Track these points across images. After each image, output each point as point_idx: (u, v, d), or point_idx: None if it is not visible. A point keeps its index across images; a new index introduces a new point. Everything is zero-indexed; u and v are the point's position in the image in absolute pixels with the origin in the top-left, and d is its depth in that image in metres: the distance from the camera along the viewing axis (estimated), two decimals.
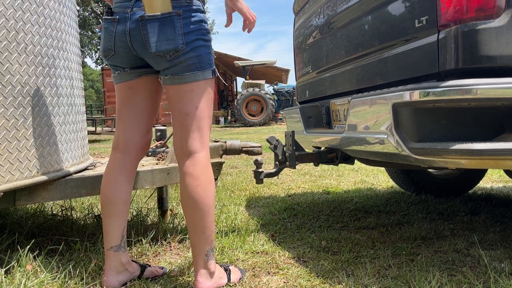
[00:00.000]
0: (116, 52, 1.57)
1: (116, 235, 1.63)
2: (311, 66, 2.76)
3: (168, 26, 1.48)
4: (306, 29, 2.79)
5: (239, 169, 5.28)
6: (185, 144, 1.58)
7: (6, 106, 1.59)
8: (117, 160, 1.66)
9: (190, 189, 1.55)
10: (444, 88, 1.48)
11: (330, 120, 2.49)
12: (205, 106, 1.58)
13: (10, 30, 1.60)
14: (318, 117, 2.63)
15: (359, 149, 2.01)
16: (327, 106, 2.50)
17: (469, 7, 1.49)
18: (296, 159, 2.39)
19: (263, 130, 13.77)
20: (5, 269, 1.65)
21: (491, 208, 2.87)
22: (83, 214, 2.67)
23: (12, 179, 1.62)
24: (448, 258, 1.92)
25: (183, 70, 1.53)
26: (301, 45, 2.92)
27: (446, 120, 1.58)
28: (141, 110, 1.67)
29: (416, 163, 1.67)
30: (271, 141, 2.38)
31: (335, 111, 2.41)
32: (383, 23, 1.92)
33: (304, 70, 2.90)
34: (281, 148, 2.39)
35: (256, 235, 2.31)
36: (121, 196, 1.64)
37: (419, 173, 3.26)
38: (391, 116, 1.64)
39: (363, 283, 1.66)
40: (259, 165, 2.35)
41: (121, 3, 1.55)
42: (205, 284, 1.57)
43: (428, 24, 1.61)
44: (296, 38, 3.03)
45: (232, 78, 28.85)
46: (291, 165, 2.39)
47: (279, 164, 2.40)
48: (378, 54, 1.95)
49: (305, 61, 2.88)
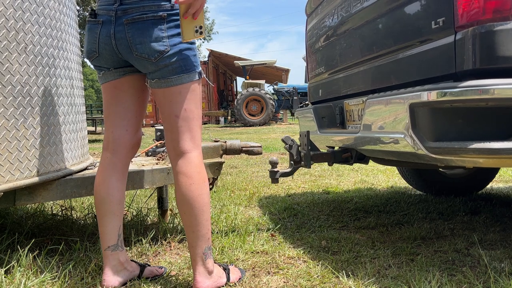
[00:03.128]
0: (100, 54, 1.59)
1: (112, 235, 1.63)
2: (324, 67, 2.78)
3: (153, 28, 1.49)
4: (319, 30, 2.81)
5: (239, 169, 5.28)
6: (177, 145, 1.59)
7: (6, 106, 1.59)
8: (107, 160, 1.67)
9: (183, 188, 1.57)
10: (462, 89, 1.51)
11: (344, 120, 2.51)
12: (193, 107, 1.60)
13: (10, 30, 1.60)
14: (331, 117, 2.65)
15: (374, 149, 2.04)
16: (340, 106, 2.53)
17: (486, 8, 1.52)
18: (311, 158, 2.41)
19: (263, 130, 13.77)
20: (5, 269, 1.65)
21: (491, 208, 2.87)
22: (83, 214, 2.67)
23: (12, 179, 1.62)
24: (448, 258, 1.93)
25: (169, 74, 1.54)
26: (314, 46, 2.95)
27: (463, 119, 1.60)
28: (128, 109, 1.68)
29: (433, 162, 1.70)
30: (286, 141, 2.40)
31: (349, 111, 2.44)
32: (399, 25, 1.93)
33: (317, 71, 2.92)
34: (296, 148, 2.41)
35: (256, 235, 2.31)
36: (114, 195, 1.64)
37: (431, 173, 3.29)
38: (408, 116, 1.67)
39: (363, 283, 1.66)
40: (274, 164, 2.37)
41: (105, 5, 1.56)
42: (204, 283, 1.57)
43: (444, 26, 1.64)
44: (309, 39, 3.06)
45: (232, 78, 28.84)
46: (306, 164, 2.40)
47: (294, 163, 2.42)
48: (393, 55, 1.97)
49: (318, 61, 2.90)
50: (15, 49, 1.62)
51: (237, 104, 16.50)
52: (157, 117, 19.52)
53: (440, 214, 2.73)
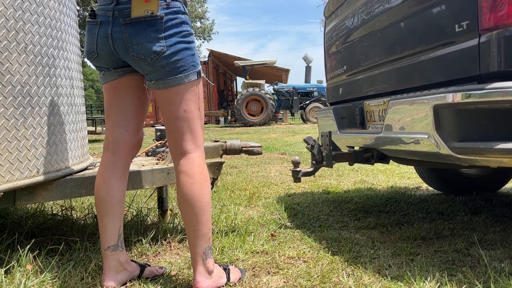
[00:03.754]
0: (99, 54, 1.59)
1: (112, 235, 1.63)
2: (344, 68, 2.81)
3: (149, 29, 1.49)
4: (339, 32, 2.84)
5: (239, 169, 5.28)
6: (179, 146, 1.59)
7: (6, 106, 1.59)
8: (108, 160, 1.67)
9: (185, 187, 1.57)
10: (487, 90, 1.54)
11: (364, 121, 2.54)
12: (193, 107, 1.59)
13: (10, 30, 1.60)
14: (351, 117, 2.68)
15: (396, 149, 2.07)
16: (360, 107, 2.55)
17: (510, 12, 1.56)
18: (333, 158, 2.45)
19: (263, 130, 13.77)
20: (5, 269, 1.65)
21: (491, 208, 2.87)
22: (83, 214, 2.67)
23: (12, 179, 1.62)
24: (448, 258, 1.93)
25: (166, 75, 1.53)
26: (333, 47, 2.97)
27: (487, 120, 1.63)
28: (128, 109, 1.68)
29: (457, 162, 1.73)
30: (308, 141, 2.45)
31: (369, 112, 2.47)
32: (422, 27, 1.96)
33: (336, 72, 2.95)
34: (318, 148, 2.45)
35: (256, 235, 2.31)
36: (114, 195, 1.64)
37: (450, 172, 3.31)
38: (432, 116, 1.71)
39: (363, 283, 1.66)
40: (297, 164, 2.42)
41: (103, 6, 1.56)
42: (204, 283, 1.57)
43: (468, 29, 1.67)
44: (328, 41, 3.09)
45: (232, 78, 28.85)
46: (328, 164, 2.44)
47: (316, 163, 2.47)
48: (416, 57, 2.00)
49: (338, 62, 2.92)
50: (15, 49, 1.62)
51: (237, 104, 16.50)
52: (157, 117, 19.50)
53: (440, 214, 2.73)
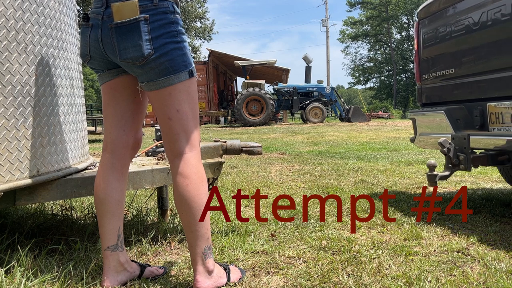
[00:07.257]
0: (92, 57, 1.59)
1: (112, 235, 1.63)
2: (456, 69, 2.82)
3: (135, 32, 1.48)
4: (450, 32, 2.85)
5: (239, 169, 5.28)
6: (174, 146, 1.59)
7: (6, 106, 1.59)
8: (106, 160, 1.67)
9: (181, 188, 1.56)
10: None
11: (486, 122, 2.54)
12: (187, 108, 1.57)
13: (10, 30, 1.60)
14: (466, 119, 2.69)
15: None
16: (481, 108, 2.55)
17: None
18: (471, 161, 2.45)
19: (263, 130, 13.77)
20: (5, 269, 1.65)
21: (491, 207, 2.87)
22: (83, 214, 2.67)
23: (12, 179, 1.62)
24: (448, 258, 1.93)
25: (156, 76, 1.52)
26: (438, 48, 2.99)
27: None
28: (125, 110, 1.68)
29: None
30: (445, 144, 2.44)
31: (495, 114, 2.47)
32: None
33: (440, 73, 2.96)
34: (454, 151, 2.45)
35: (256, 235, 2.31)
36: (114, 195, 1.64)
37: None
38: None
39: (363, 283, 1.66)
40: (432, 168, 2.42)
41: (95, 9, 1.56)
42: (204, 283, 1.57)
43: None
44: (426, 41, 3.12)
45: (232, 78, 28.86)
46: (466, 167, 2.44)
47: (452, 166, 2.47)
48: None
49: (444, 64, 2.94)
50: (15, 49, 1.62)
51: (237, 104, 16.50)
52: None
53: (440, 214, 2.73)
